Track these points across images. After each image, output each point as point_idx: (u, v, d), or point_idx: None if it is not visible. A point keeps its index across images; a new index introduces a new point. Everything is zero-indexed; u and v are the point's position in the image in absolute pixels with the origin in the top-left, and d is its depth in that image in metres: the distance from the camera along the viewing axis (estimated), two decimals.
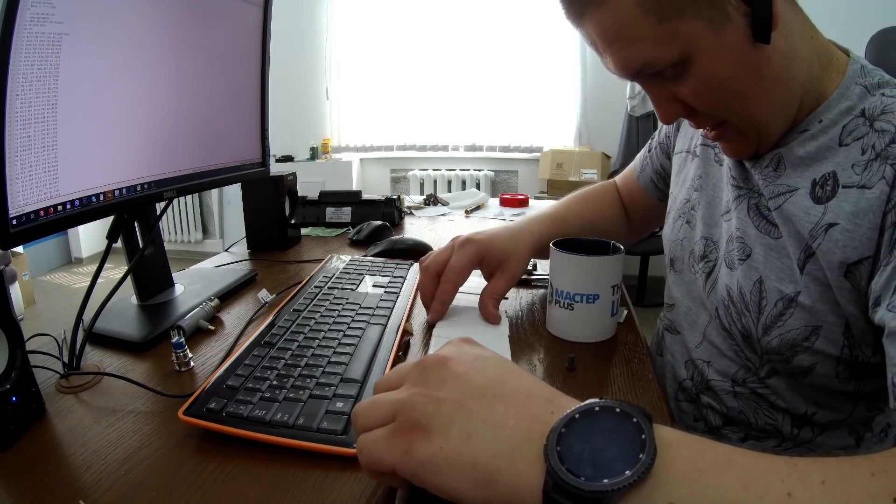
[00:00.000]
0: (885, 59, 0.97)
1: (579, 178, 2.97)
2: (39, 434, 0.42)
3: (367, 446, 0.31)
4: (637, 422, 0.27)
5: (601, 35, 0.47)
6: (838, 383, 0.52)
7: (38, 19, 0.46)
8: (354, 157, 3.58)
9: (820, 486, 0.25)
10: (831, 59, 0.51)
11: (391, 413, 0.31)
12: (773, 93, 0.48)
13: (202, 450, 0.40)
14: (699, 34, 0.44)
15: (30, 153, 0.47)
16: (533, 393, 0.31)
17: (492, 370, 0.32)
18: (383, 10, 3.38)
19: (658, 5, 0.43)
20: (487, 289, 0.64)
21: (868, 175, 0.45)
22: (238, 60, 0.79)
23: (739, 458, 0.26)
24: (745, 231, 0.55)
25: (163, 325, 0.61)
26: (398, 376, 0.34)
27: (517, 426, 0.29)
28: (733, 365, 0.59)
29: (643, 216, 0.85)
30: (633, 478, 0.24)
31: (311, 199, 1.22)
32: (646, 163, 0.82)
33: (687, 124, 0.71)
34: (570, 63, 3.10)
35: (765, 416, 0.58)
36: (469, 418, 0.29)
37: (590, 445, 0.26)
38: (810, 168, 0.50)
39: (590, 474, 0.25)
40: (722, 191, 0.61)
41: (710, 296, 0.61)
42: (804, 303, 0.50)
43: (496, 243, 0.65)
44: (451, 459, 0.28)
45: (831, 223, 0.47)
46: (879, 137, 0.46)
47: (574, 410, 0.28)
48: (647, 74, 0.49)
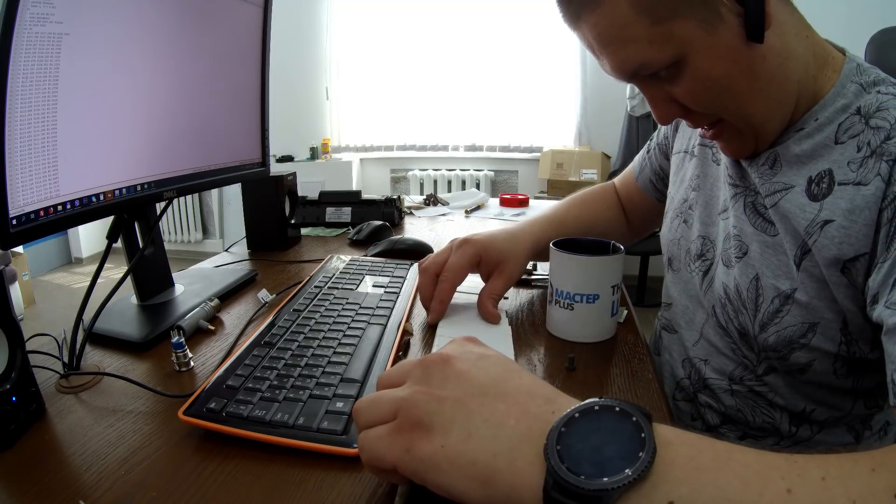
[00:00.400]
0: (885, 59, 0.97)
1: (579, 178, 2.97)
2: (39, 434, 0.42)
3: (369, 443, 0.31)
4: (636, 420, 0.27)
5: (597, 38, 0.48)
6: (836, 380, 0.53)
7: (38, 19, 0.46)
8: (354, 157, 3.58)
9: (820, 482, 0.25)
10: (827, 57, 0.51)
11: (393, 410, 0.31)
12: (769, 91, 0.48)
13: (202, 450, 0.40)
14: (693, 35, 0.45)
15: (30, 153, 0.47)
16: (534, 392, 0.31)
17: (494, 369, 0.33)
18: (383, 10, 3.37)
19: (651, 7, 0.44)
20: (485, 289, 0.65)
21: (864, 172, 0.45)
22: (238, 60, 0.79)
23: (739, 456, 0.26)
24: (742, 229, 0.56)
25: (163, 325, 0.61)
26: (400, 373, 0.34)
27: (517, 425, 0.29)
28: (730, 363, 0.60)
29: (642, 217, 0.85)
30: (632, 476, 0.25)
31: (311, 199, 1.22)
32: (644, 164, 0.82)
33: (685, 125, 0.71)
34: (570, 63, 3.10)
35: (763, 415, 0.58)
36: (470, 417, 0.29)
37: (590, 444, 0.26)
38: (806, 166, 0.50)
39: (590, 473, 0.25)
40: (719, 190, 0.61)
41: (706, 294, 0.61)
42: (801, 299, 0.50)
43: (494, 244, 0.66)
44: (451, 458, 0.28)
45: (827, 220, 0.47)
46: (875, 134, 0.46)
47: (574, 409, 0.28)
48: (643, 76, 0.49)
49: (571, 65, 3.10)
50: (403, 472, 0.30)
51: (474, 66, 3.31)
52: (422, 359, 0.34)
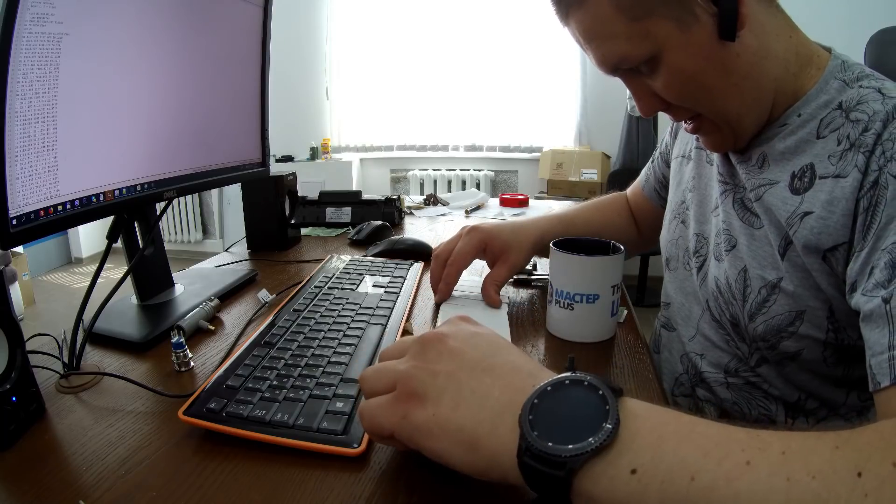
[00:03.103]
0: (885, 59, 0.97)
1: (579, 178, 2.97)
2: (39, 434, 0.42)
3: (370, 411, 0.35)
4: (603, 394, 0.29)
5: (582, 33, 0.51)
6: (826, 368, 0.54)
7: (38, 19, 0.46)
8: (354, 157, 3.58)
9: (780, 455, 0.26)
10: (811, 56, 0.53)
11: (393, 382, 0.35)
12: (743, 88, 0.50)
13: (202, 450, 0.40)
14: (668, 33, 0.47)
15: (30, 153, 0.47)
16: (519, 367, 0.34)
17: (484, 346, 0.36)
18: (383, 10, 3.37)
19: (630, 7, 0.47)
20: (489, 276, 0.69)
21: (843, 165, 0.47)
22: (238, 60, 0.79)
23: (702, 428, 0.28)
24: (731, 223, 0.58)
25: (163, 325, 0.61)
26: (401, 348, 0.38)
27: (501, 396, 0.31)
28: (725, 355, 0.61)
29: (650, 226, 0.87)
30: (595, 444, 0.27)
31: (311, 199, 1.22)
32: (649, 174, 0.85)
33: (683, 131, 0.73)
34: (570, 63, 3.10)
35: (759, 407, 0.60)
36: (459, 389, 0.32)
37: (559, 415, 0.29)
38: (790, 161, 0.52)
39: (557, 440, 0.27)
40: (712, 189, 0.63)
41: (701, 288, 0.63)
42: (787, 288, 0.51)
43: (500, 234, 0.69)
44: (441, 424, 0.31)
45: (807, 212, 0.49)
46: (854, 127, 0.47)
47: (547, 383, 0.31)
48: (625, 70, 0.52)
49: (571, 65, 3.10)
50: (400, 437, 0.33)
51: (474, 66, 3.31)
52: (420, 336, 0.37)
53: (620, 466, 0.27)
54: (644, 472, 0.26)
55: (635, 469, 0.26)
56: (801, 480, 0.25)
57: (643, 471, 0.26)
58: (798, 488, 0.24)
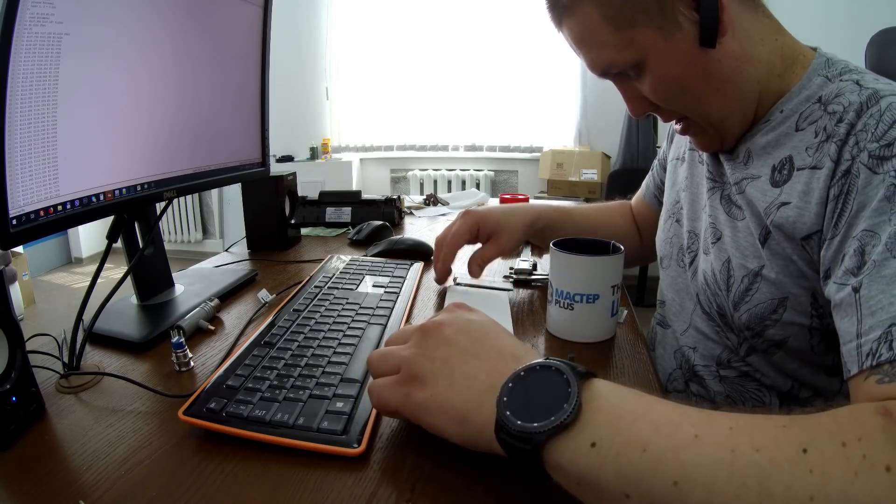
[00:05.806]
0: (885, 59, 0.97)
1: (579, 178, 2.97)
2: (39, 434, 0.42)
3: (377, 390, 0.39)
4: (566, 378, 0.32)
5: (573, 39, 0.54)
6: (815, 356, 0.55)
7: (38, 19, 0.46)
8: (354, 157, 3.58)
9: (727, 430, 0.29)
10: (797, 56, 0.54)
11: (397, 365, 0.39)
12: (725, 91, 0.52)
13: (202, 450, 0.40)
14: (651, 41, 0.50)
15: (30, 153, 0.47)
16: (505, 352, 0.38)
17: (476, 332, 0.40)
18: (383, 10, 3.37)
19: (615, 16, 0.50)
20: (476, 252, 0.73)
21: (819, 156, 0.48)
22: (238, 60, 0.79)
23: (660, 407, 0.31)
24: (717, 217, 0.60)
25: (163, 325, 0.61)
26: (405, 335, 0.42)
27: (487, 378, 0.36)
28: (717, 346, 0.62)
29: (652, 233, 0.88)
30: (556, 422, 0.30)
31: (311, 199, 1.22)
32: (649, 181, 0.86)
33: (679, 137, 0.75)
34: (570, 63, 3.10)
35: (752, 399, 0.60)
36: (452, 372, 0.37)
37: (528, 396, 0.33)
38: (770, 155, 0.53)
39: (525, 418, 0.31)
40: (702, 187, 0.64)
41: (692, 282, 0.65)
42: (769, 276, 0.53)
43: (492, 216, 0.74)
44: (437, 402, 0.36)
45: (784, 202, 0.50)
46: (830, 119, 0.48)
47: (521, 368, 0.34)
48: (615, 74, 0.55)
49: (571, 65, 3.10)
50: (403, 413, 0.38)
51: (474, 66, 3.31)
52: (420, 325, 0.41)
53: (581, 441, 0.30)
54: (601, 446, 0.29)
55: (594, 443, 0.30)
56: (745, 453, 0.27)
57: (601, 444, 0.30)
58: (741, 460, 0.27)
